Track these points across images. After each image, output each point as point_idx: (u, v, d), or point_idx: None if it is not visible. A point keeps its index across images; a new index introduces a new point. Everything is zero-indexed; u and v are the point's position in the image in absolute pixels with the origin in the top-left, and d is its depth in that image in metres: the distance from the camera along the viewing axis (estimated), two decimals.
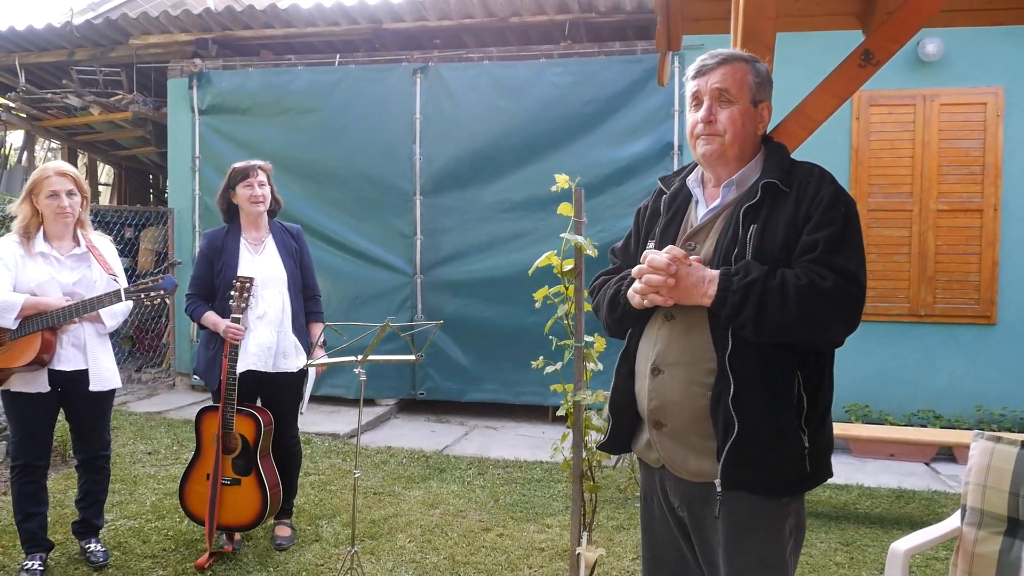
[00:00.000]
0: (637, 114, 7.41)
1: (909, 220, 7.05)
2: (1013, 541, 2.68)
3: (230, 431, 4.16)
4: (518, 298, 6.91)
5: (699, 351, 2.05)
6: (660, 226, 2.23)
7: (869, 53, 2.84)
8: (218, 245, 4.35)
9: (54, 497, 4.81)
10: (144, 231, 9.92)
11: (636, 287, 2.08)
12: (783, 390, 2.00)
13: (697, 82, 2.13)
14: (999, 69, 6.91)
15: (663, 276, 2.00)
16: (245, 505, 4.21)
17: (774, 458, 1.99)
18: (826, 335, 1.98)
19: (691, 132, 2.16)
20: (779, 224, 2.01)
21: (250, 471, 4.21)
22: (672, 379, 2.09)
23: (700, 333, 2.06)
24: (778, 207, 2.03)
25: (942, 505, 5.25)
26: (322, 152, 8.05)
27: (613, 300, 2.23)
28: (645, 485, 2.33)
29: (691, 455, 2.09)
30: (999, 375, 6.93)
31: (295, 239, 4.52)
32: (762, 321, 1.92)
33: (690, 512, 2.15)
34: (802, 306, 1.90)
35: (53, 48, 9.38)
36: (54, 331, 3.84)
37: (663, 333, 2.13)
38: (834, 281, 1.91)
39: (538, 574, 4.15)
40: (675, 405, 2.09)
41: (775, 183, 2.04)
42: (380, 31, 8.36)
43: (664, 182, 2.34)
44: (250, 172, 4.31)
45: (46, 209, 3.92)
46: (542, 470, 5.98)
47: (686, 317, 2.09)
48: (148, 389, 8.56)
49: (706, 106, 2.11)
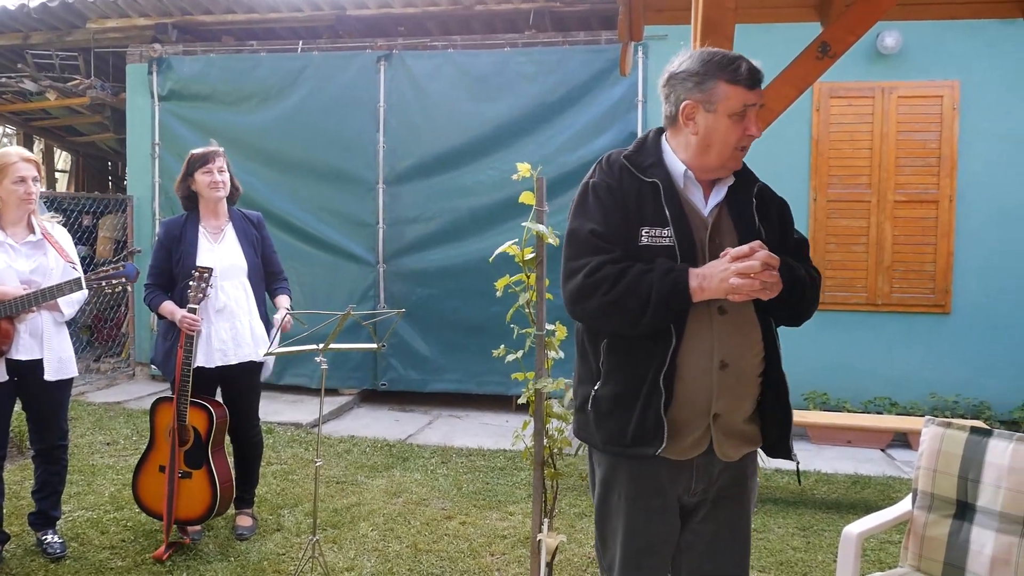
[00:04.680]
0: (601, 104, 7.43)
1: (867, 211, 7.17)
2: (962, 524, 2.75)
3: (184, 423, 4.11)
4: (481, 288, 6.90)
5: (755, 343, 2.19)
6: (673, 216, 2.13)
7: (826, 45, 2.88)
8: (176, 234, 4.27)
9: (10, 488, 4.74)
10: (103, 219, 9.77)
11: (740, 283, 2.00)
12: None
13: (755, 94, 2.12)
14: (956, 63, 7.03)
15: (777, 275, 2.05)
16: (195, 498, 4.17)
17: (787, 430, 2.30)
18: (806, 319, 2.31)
19: (735, 142, 2.13)
20: (772, 223, 2.25)
21: (201, 464, 4.17)
22: (738, 371, 2.15)
23: (751, 326, 2.19)
24: (765, 208, 2.25)
25: (897, 490, 5.36)
26: (284, 139, 7.98)
27: (673, 293, 2.05)
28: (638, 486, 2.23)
29: (737, 440, 2.21)
30: (953, 363, 7.08)
31: (256, 227, 4.46)
32: (800, 310, 2.24)
33: (719, 489, 2.26)
34: (815, 297, 2.25)
35: (7, 31, 9.18)
36: (12, 320, 3.78)
37: (718, 328, 2.14)
38: (818, 277, 2.28)
39: (500, 561, 4.17)
40: (740, 396, 2.18)
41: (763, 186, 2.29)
42: (343, 17, 8.30)
43: (634, 164, 2.22)
44: (209, 158, 4.24)
45: (10, 196, 3.84)
46: (505, 458, 6.00)
47: (738, 312, 2.17)
48: (107, 379, 8.45)
49: (755, 123, 2.14)
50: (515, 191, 3.49)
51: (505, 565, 4.12)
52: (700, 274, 2.05)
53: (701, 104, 2.11)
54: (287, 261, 7.74)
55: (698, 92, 2.11)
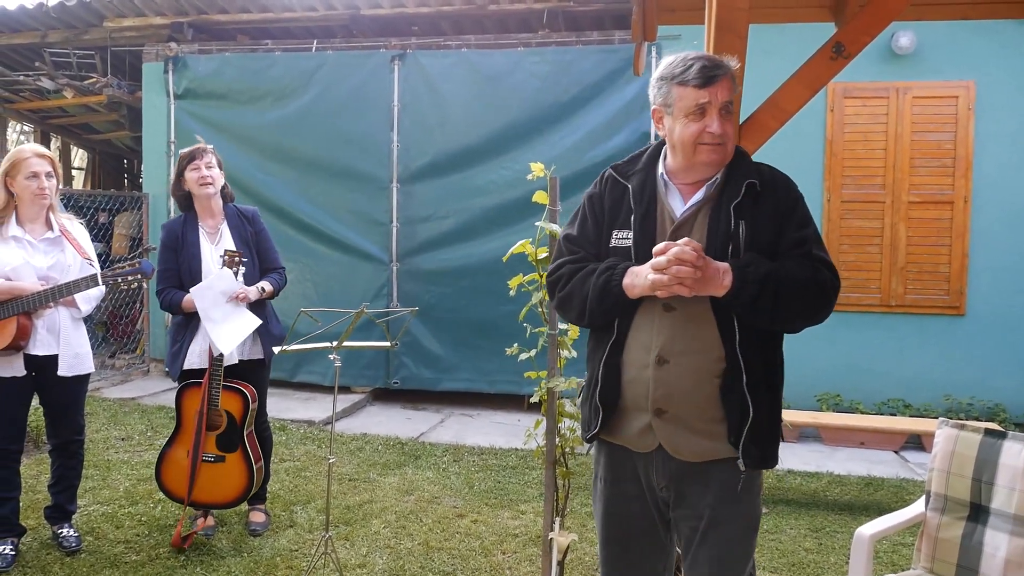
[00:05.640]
0: (614, 104, 7.42)
1: (881, 211, 7.14)
2: (975, 526, 2.74)
3: (215, 407, 4.11)
4: (494, 287, 6.90)
5: (707, 341, 2.15)
6: (637, 218, 2.24)
7: (840, 46, 2.87)
8: (178, 235, 4.28)
9: (27, 482, 4.78)
10: (118, 216, 9.82)
11: (656, 279, 2.06)
12: (774, 374, 2.23)
13: (708, 92, 2.12)
14: (971, 63, 6.99)
15: (692, 269, 2.03)
16: (231, 482, 4.16)
17: (771, 437, 2.20)
18: (818, 320, 2.18)
19: (694, 140, 2.15)
20: (764, 221, 2.17)
21: (236, 447, 4.16)
22: (680, 368, 2.15)
23: (705, 323, 2.15)
24: (757, 205, 2.18)
25: (910, 492, 5.34)
26: (299, 138, 8.01)
27: (604, 290, 2.20)
28: (615, 470, 2.35)
29: (692, 437, 2.18)
30: (967, 365, 7.05)
31: (250, 222, 4.41)
32: (777, 309, 2.08)
33: (677, 489, 2.24)
34: (809, 296, 2.12)
35: (26, 30, 9.24)
36: (29, 316, 3.81)
37: (665, 324, 2.18)
38: (828, 274, 2.14)
39: (511, 559, 4.18)
40: (684, 393, 2.16)
41: (755, 183, 2.19)
42: (358, 17, 8.33)
43: (619, 172, 2.36)
44: (196, 155, 4.24)
45: (24, 191, 3.87)
46: (517, 457, 6.01)
47: (687, 308, 2.15)
48: (122, 375, 8.51)
49: (717, 119, 2.13)
50: (528, 190, 3.50)
51: (516, 563, 4.13)
52: (633, 271, 2.16)
53: (664, 108, 2.22)
54: (301, 259, 7.89)
55: (660, 97, 2.22)
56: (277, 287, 4.39)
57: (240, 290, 4.13)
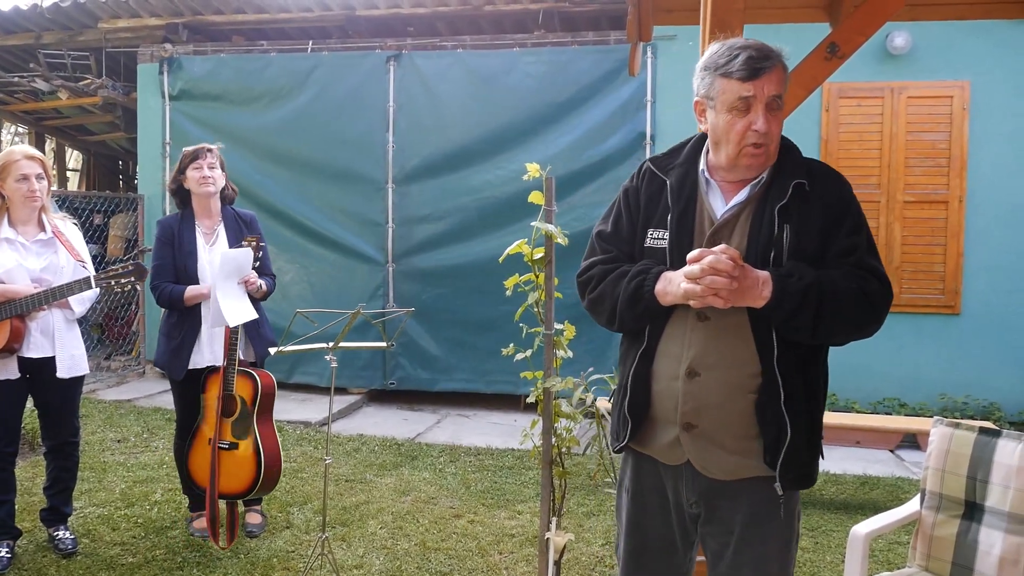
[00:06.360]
0: (610, 104, 7.43)
1: (876, 211, 7.15)
2: (970, 524, 2.75)
3: (231, 392, 4.05)
4: (490, 287, 6.92)
5: (741, 354, 2.03)
6: (674, 217, 2.11)
7: (835, 46, 2.89)
8: (173, 232, 4.26)
9: (22, 484, 4.77)
10: (113, 218, 9.82)
11: (689, 288, 1.94)
12: (816, 390, 2.08)
13: (752, 85, 1.96)
14: (966, 63, 7.01)
15: (728, 280, 1.89)
16: (241, 471, 4.04)
17: (808, 456, 2.06)
18: (866, 334, 2.03)
19: (739, 139, 2.00)
20: (811, 225, 2.01)
21: (247, 435, 4.06)
22: (712, 382, 2.04)
23: (740, 336, 2.02)
24: (804, 207, 2.02)
25: (906, 491, 5.35)
26: (294, 139, 8.00)
27: (635, 295, 2.08)
28: (640, 481, 2.25)
29: (723, 454, 2.07)
30: (962, 364, 7.06)
31: (248, 227, 4.40)
32: (820, 324, 1.93)
33: (708, 506, 2.13)
34: (855, 310, 1.96)
35: (20, 31, 9.22)
36: (23, 318, 3.81)
37: (697, 335, 2.06)
38: (877, 285, 1.98)
39: (508, 559, 4.19)
40: (715, 408, 2.04)
41: (803, 183, 2.03)
42: (353, 18, 8.32)
43: (657, 165, 2.21)
44: (200, 154, 4.23)
45: (14, 193, 3.87)
46: (513, 457, 6.02)
47: (722, 319, 2.02)
48: (117, 377, 8.49)
49: (763, 116, 1.97)
50: (524, 191, 3.50)
51: (513, 564, 4.13)
52: (666, 276, 2.04)
53: (706, 100, 2.06)
54: (297, 260, 7.90)
55: (703, 88, 2.06)
56: (270, 290, 4.37)
57: (252, 275, 4.11)
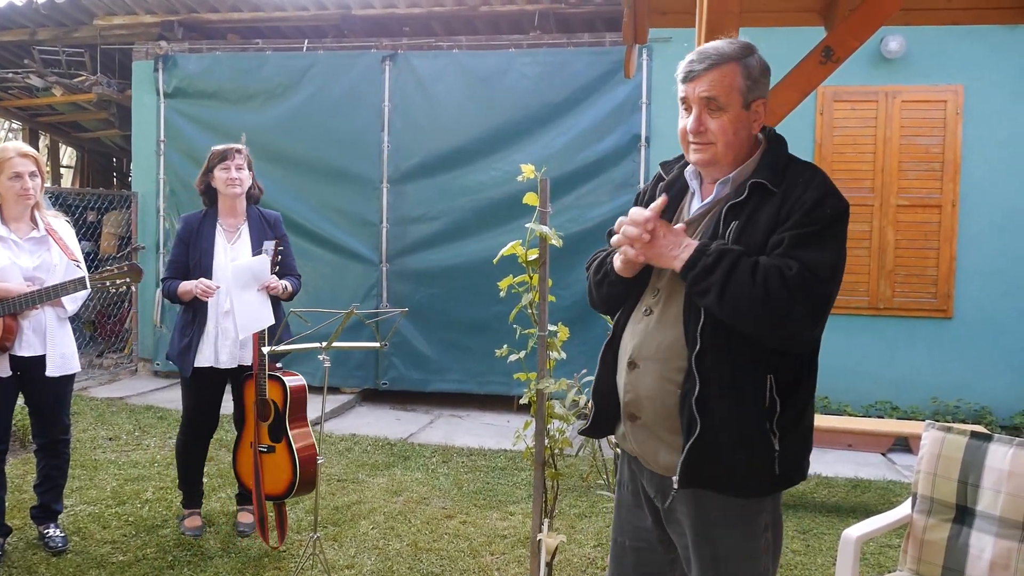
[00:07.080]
0: (605, 106, 7.43)
1: (870, 215, 7.17)
2: (961, 528, 2.76)
3: (264, 397, 4.11)
4: (483, 288, 6.91)
5: (673, 348, 2.04)
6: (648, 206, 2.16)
7: (830, 50, 2.89)
8: (194, 228, 4.29)
9: (12, 482, 4.76)
10: (107, 215, 9.78)
11: (614, 239, 2.07)
12: (752, 393, 1.98)
13: (685, 88, 2.04)
14: (960, 67, 7.03)
15: (639, 229, 1.98)
16: (280, 473, 4.12)
17: (741, 459, 1.98)
18: (788, 324, 1.91)
19: (682, 137, 2.09)
20: (760, 223, 1.98)
21: (281, 438, 4.13)
22: (646, 374, 2.08)
23: (674, 330, 2.05)
24: (763, 206, 1.99)
25: (897, 494, 5.36)
26: (289, 138, 7.99)
27: (600, 266, 2.23)
28: (621, 471, 2.35)
29: (661, 449, 2.08)
30: (954, 368, 7.08)
31: (272, 227, 4.42)
32: (726, 289, 1.89)
33: (662, 503, 2.15)
34: (767, 285, 1.87)
35: (14, 27, 9.21)
36: (15, 316, 3.79)
37: (641, 327, 2.12)
38: (798, 269, 1.88)
39: (500, 560, 4.18)
40: (648, 400, 2.08)
41: (763, 183, 2.00)
42: (349, 17, 8.32)
43: (664, 168, 2.30)
44: (228, 155, 4.25)
45: (7, 192, 3.85)
46: (506, 458, 6.01)
47: (664, 313, 2.08)
48: (109, 375, 8.47)
49: (695, 116, 2.02)
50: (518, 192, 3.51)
51: (505, 565, 4.13)
52: None
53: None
54: None
55: None
56: (295, 289, 4.41)
57: (272, 280, 4.14)
